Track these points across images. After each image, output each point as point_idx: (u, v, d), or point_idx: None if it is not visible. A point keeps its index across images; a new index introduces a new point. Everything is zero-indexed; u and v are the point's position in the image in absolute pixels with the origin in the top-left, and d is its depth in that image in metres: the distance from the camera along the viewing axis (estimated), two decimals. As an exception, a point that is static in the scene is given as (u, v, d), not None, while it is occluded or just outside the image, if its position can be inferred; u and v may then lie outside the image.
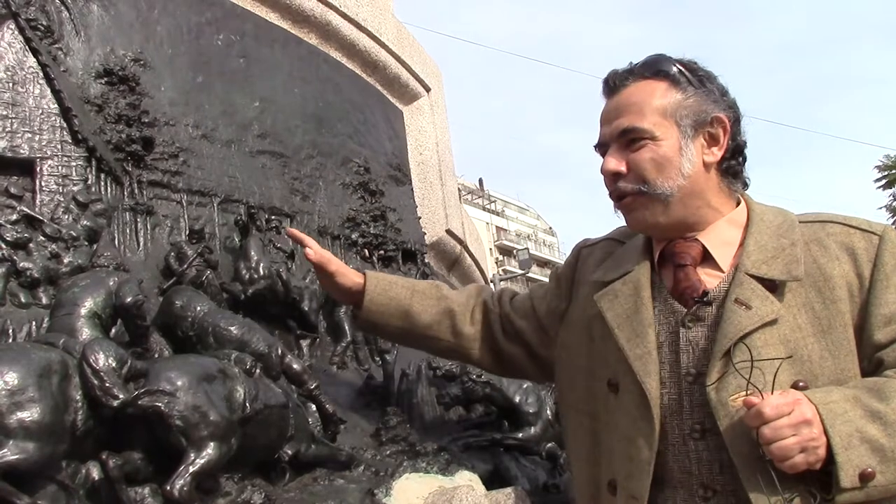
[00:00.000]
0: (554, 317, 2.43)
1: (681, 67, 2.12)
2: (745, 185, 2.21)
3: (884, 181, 27.20)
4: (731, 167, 2.15)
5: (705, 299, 2.00)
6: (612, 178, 2.14)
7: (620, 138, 2.10)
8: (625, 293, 2.12)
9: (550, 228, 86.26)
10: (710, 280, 2.05)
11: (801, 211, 2.20)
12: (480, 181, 75.67)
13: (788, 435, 1.72)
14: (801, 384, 1.84)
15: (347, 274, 2.67)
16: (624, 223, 2.23)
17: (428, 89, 6.46)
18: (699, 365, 1.96)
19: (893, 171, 26.85)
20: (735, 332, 1.89)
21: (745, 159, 2.19)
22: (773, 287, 1.96)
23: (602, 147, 2.18)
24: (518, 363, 2.59)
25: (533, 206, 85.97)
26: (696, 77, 2.12)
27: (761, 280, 1.97)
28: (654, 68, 2.12)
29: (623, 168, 2.10)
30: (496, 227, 74.66)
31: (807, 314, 1.94)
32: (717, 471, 1.91)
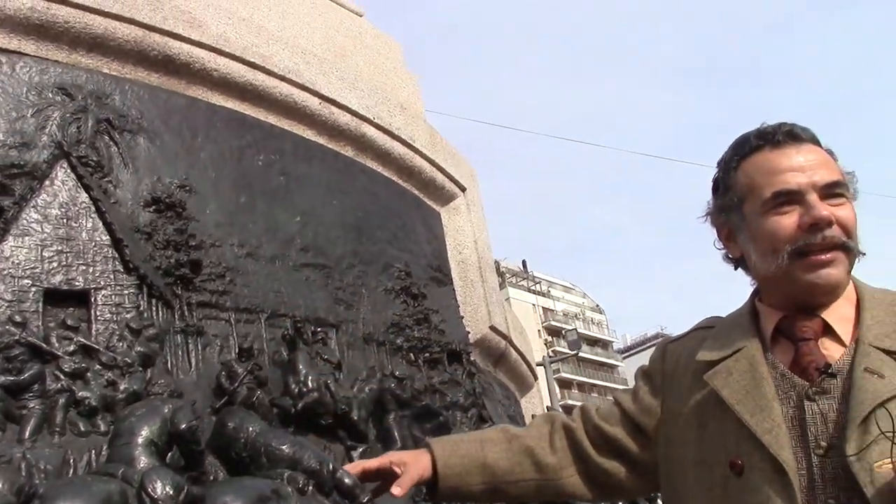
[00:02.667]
0: (649, 415, 2.34)
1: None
2: None
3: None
4: None
5: (830, 371, 1.95)
6: (824, 225, 2.02)
7: (824, 190, 2.04)
8: (739, 370, 2.07)
9: (598, 306, 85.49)
10: (830, 354, 2.01)
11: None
12: (524, 263, 75.66)
13: None
14: None
15: (413, 458, 2.47)
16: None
17: (463, 189, 6.61)
18: (830, 438, 1.90)
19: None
20: (872, 399, 1.86)
21: None
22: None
23: (795, 195, 2.06)
24: (616, 477, 2.42)
25: (579, 285, 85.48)
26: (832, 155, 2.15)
27: (886, 352, 1.94)
28: (812, 137, 2.14)
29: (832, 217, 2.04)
30: (543, 307, 74.25)
31: None
32: None
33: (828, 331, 2.05)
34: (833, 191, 2.05)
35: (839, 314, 2.07)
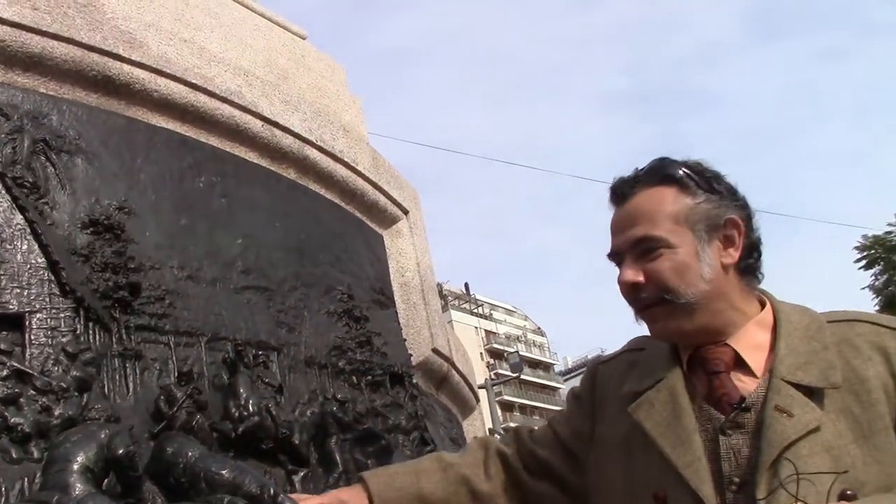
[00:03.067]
0: (581, 439, 2.35)
1: (687, 171, 2.11)
2: (759, 280, 2.18)
3: (864, 261, 27.44)
4: (749, 266, 2.13)
5: (743, 405, 1.96)
6: (630, 289, 2.10)
7: (635, 248, 2.08)
8: (661, 401, 2.07)
9: (539, 328, 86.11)
10: (744, 386, 2.01)
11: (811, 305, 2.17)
12: (466, 286, 75.95)
13: None
14: (848, 493, 1.78)
15: (350, 495, 2.46)
16: (645, 331, 2.19)
17: (406, 212, 6.63)
18: (743, 474, 1.91)
19: (872, 252, 27.13)
20: (780, 441, 1.86)
21: (760, 255, 2.16)
22: (811, 392, 1.92)
23: (616, 256, 2.14)
24: (550, 502, 2.42)
25: (521, 308, 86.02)
26: (703, 179, 2.11)
27: (798, 386, 1.93)
28: (661, 174, 2.12)
29: (641, 278, 2.06)
30: (485, 330, 74.54)
31: (846, 420, 1.90)
32: None
33: (740, 362, 2.06)
34: (644, 247, 2.07)
35: (751, 342, 2.08)
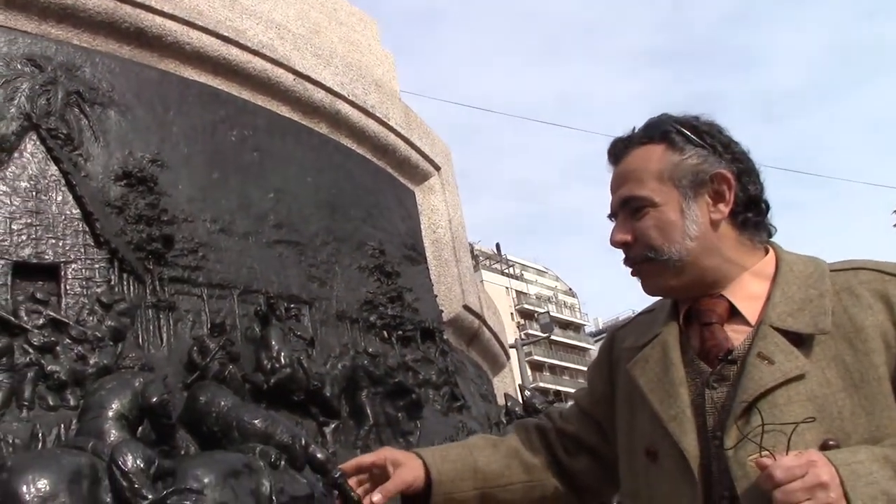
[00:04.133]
0: (602, 405, 2.32)
1: (678, 127, 2.08)
2: (770, 235, 2.12)
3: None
4: (749, 220, 2.07)
5: (730, 357, 1.92)
6: (621, 248, 2.10)
7: (624, 208, 2.07)
8: (654, 356, 2.07)
9: (570, 289, 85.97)
10: (737, 337, 1.97)
11: (832, 259, 2.08)
12: (497, 246, 75.79)
13: (802, 499, 1.62)
14: (830, 443, 1.75)
15: (406, 459, 2.34)
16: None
17: (438, 168, 6.59)
18: (724, 427, 1.85)
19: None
20: (755, 388, 1.82)
21: (766, 209, 2.11)
22: (800, 341, 1.88)
23: (613, 217, 2.14)
24: (587, 478, 2.38)
25: (552, 268, 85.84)
26: (696, 134, 2.07)
27: (786, 333, 1.89)
28: (652, 132, 2.09)
29: (629, 237, 2.05)
30: (516, 291, 74.50)
31: (836, 368, 1.85)
32: None
33: (736, 313, 2.02)
34: (631, 206, 2.07)
35: (747, 292, 2.03)
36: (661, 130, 2.10)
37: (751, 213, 2.08)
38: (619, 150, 2.15)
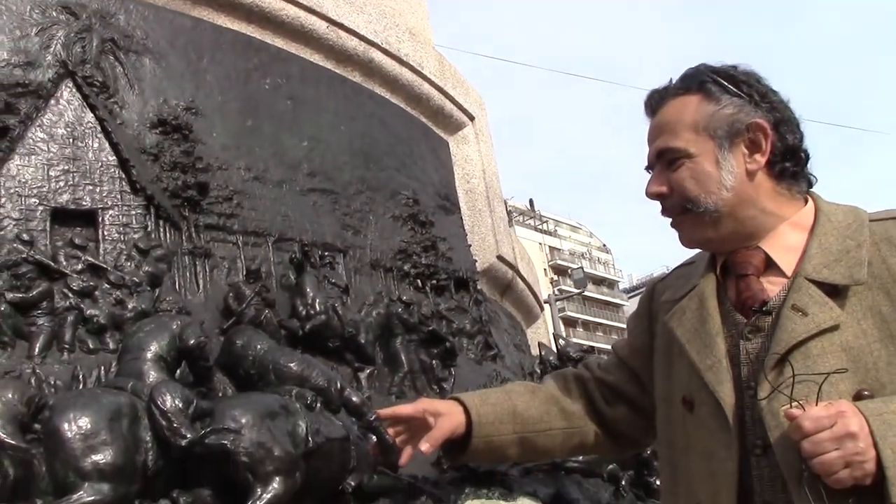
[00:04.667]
0: (641, 356, 2.32)
1: (715, 76, 2.04)
2: (810, 185, 2.08)
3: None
4: (786, 170, 2.03)
5: (764, 309, 1.91)
6: (658, 200, 2.07)
7: (660, 160, 2.04)
8: (691, 308, 2.06)
9: (604, 245, 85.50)
10: (773, 288, 1.95)
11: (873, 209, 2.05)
12: (531, 202, 75.45)
13: (831, 449, 1.62)
14: (865, 393, 1.73)
15: (446, 408, 2.30)
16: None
17: (472, 118, 6.54)
18: (758, 377, 1.84)
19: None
20: (789, 339, 1.81)
21: (806, 158, 2.07)
22: (835, 292, 1.86)
23: (650, 169, 2.11)
24: (625, 427, 2.38)
25: (585, 224, 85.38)
26: (732, 83, 2.03)
27: (821, 285, 1.87)
28: (688, 82, 2.06)
29: (665, 189, 2.02)
30: (549, 246, 74.23)
31: (872, 318, 1.83)
32: (780, 488, 1.80)
33: (772, 264, 2.00)
34: (667, 158, 2.04)
35: (785, 243, 2.01)
36: (697, 80, 2.06)
37: (788, 163, 2.04)
38: (656, 101, 2.12)
